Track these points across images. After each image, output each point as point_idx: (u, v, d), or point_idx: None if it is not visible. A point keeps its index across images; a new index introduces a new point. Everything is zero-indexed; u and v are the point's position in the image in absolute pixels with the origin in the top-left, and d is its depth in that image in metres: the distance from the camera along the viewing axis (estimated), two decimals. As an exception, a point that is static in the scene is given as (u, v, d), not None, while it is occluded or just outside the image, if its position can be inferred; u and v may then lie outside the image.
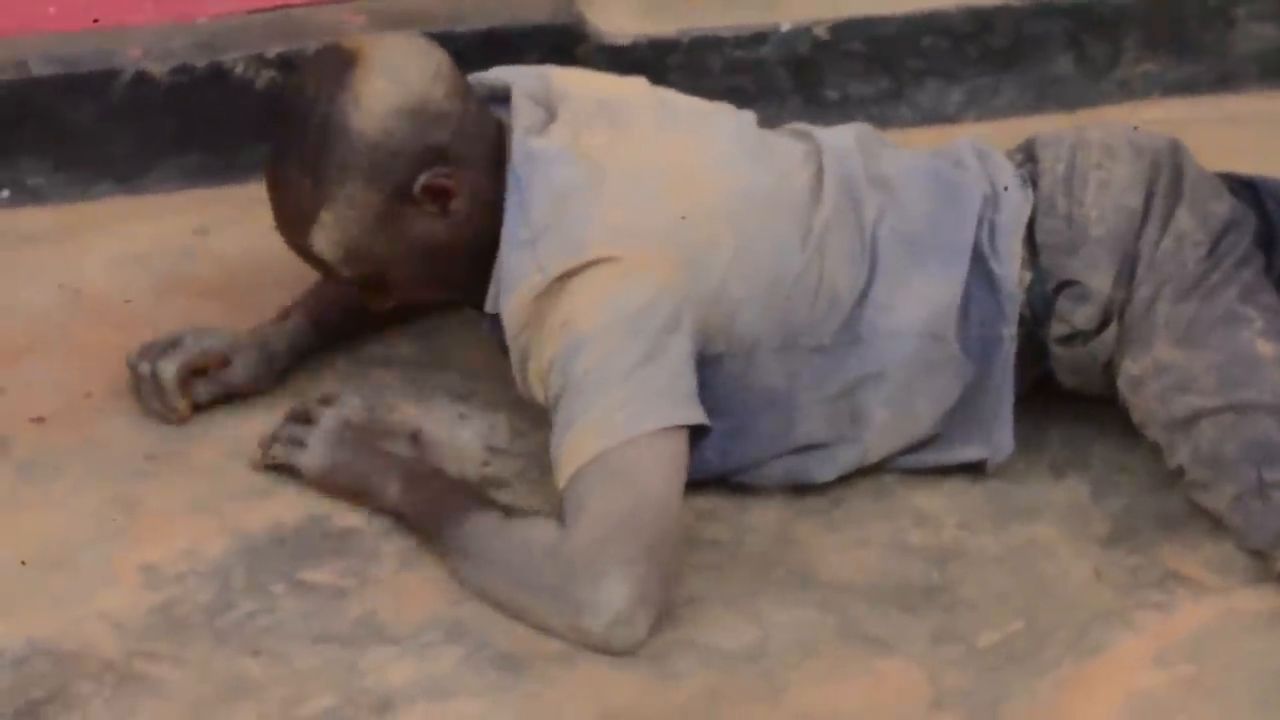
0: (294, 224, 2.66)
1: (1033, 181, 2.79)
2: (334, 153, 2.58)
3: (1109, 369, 2.76)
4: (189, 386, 2.86)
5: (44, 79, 3.33)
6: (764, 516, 2.71)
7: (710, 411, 2.59)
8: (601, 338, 2.55)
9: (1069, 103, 3.56)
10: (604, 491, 2.49)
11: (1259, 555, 2.61)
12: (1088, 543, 2.67)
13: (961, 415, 2.75)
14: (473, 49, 3.38)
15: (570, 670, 2.47)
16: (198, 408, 2.87)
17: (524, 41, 3.43)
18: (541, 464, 2.74)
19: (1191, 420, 2.65)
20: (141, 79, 3.35)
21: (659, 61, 3.46)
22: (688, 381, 2.58)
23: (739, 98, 3.39)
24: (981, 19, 3.55)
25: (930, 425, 2.74)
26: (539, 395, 2.63)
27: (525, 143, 2.64)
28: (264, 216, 3.26)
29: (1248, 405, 2.63)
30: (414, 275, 2.70)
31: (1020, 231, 2.75)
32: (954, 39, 3.54)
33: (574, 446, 2.52)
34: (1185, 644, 2.51)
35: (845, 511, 2.72)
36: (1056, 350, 2.77)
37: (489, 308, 2.68)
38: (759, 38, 3.50)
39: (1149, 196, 2.76)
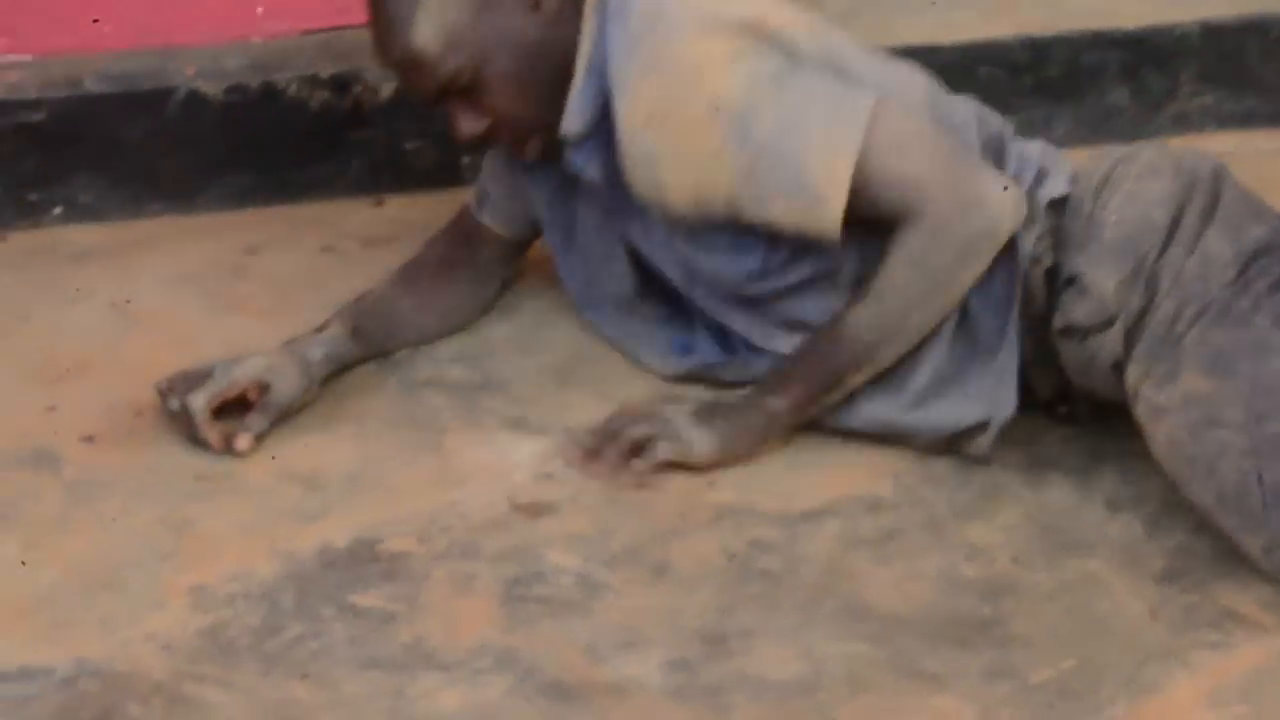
0: (398, 21, 2.71)
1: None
2: None
3: (1118, 375, 2.74)
4: (235, 417, 2.83)
5: (98, 96, 3.33)
6: (816, 548, 2.69)
7: None
8: (759, 92, 2.69)
9: (1124, 135, 3.54)
10: (900, 162, 2.71)
11: None
12: (1142, 580, 2.64)
13: (968, 369, 2.82)
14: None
15: (621, 700, 2.45)
16: (258, 439, 2.84)
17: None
18: (593, 488, 2.76)
19: (1217, 458, 2.59)
20: (195, 98, 3.35)
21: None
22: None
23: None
24: (1038, 49, 3.54)
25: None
26: (674, 193, 2.74)
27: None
28: (314, 237, 3.33)
29: (1275, 441, 2.57)
30: (506, 74, 2.75)
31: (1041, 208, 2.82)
32: (1010, 69, 3.53)
33: (827, 170, 2.68)
34: (1240, 684, 2.47)
35: (898, 544, 2.69)
36: (1058, 343, 2.80)
37: (567, 127, 2.76)
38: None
39: (1178, 215, 2.74)
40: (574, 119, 2.78)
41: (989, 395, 2.80)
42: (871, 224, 2.74)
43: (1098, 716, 2.42)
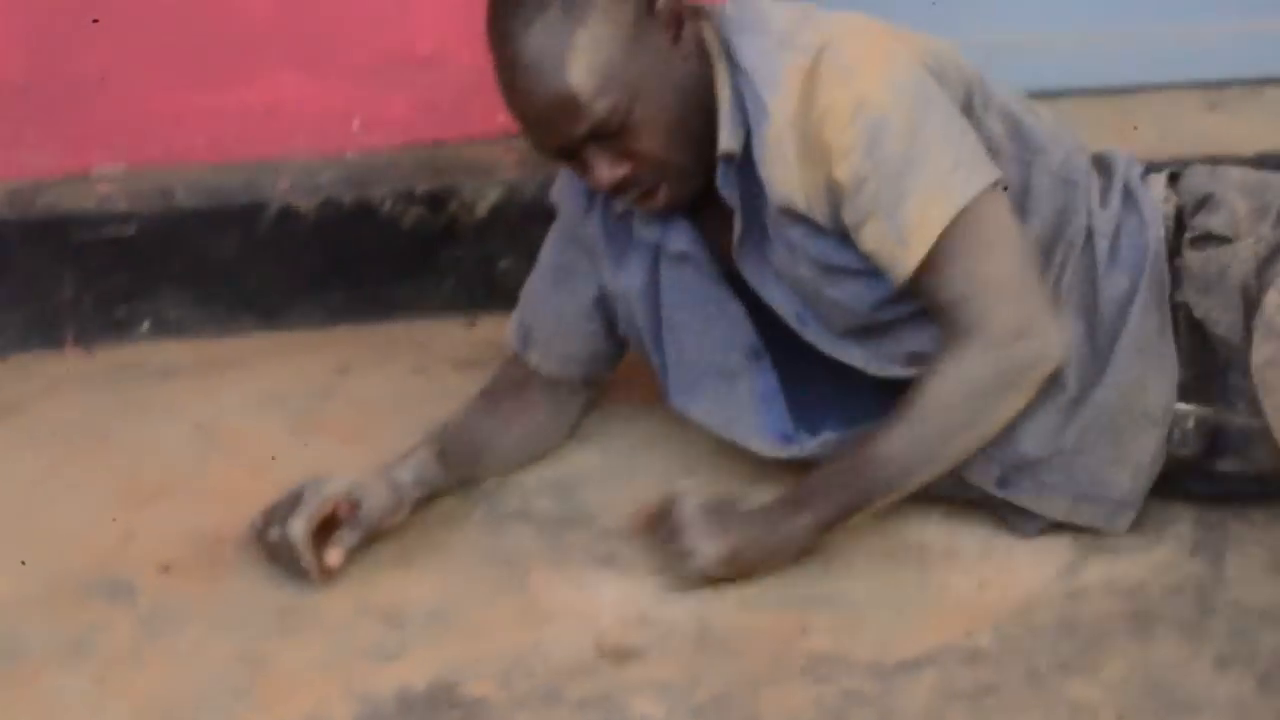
0: (548, 61, 2.64)
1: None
2: None
3: (1244, 302, 2.74)
4: (322, 542, 2.78)
5: (189, 210, 3.31)
6: (911, 702, 2.60)
7: None
8: (903, 111, 2.67)
9: None
10: (982, 255, 2.68)
11: None
12: (1253, 743, 2.55)
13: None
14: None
15: None
16: (348, 553, 2.79)
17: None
18: (683, 631, 2.68)
19: None
20: (288, 213, 3.32)
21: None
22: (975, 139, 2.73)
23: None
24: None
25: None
26: (803, 191, 2.71)
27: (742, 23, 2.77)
28: (405, 357, 3.29)
29: None
30: (656, 113, 2.70)
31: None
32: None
33: (923, 217, 2.65)
34: None
35: (997, 699, 2.60)
36: (1188, 256, 2.79)
37: (726, 144, 2.72)
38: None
39: None
40: (729, 137, 2.73)
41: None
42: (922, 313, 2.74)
43: None
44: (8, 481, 3.01)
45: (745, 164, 2.74)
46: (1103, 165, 2.88)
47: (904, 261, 2.67)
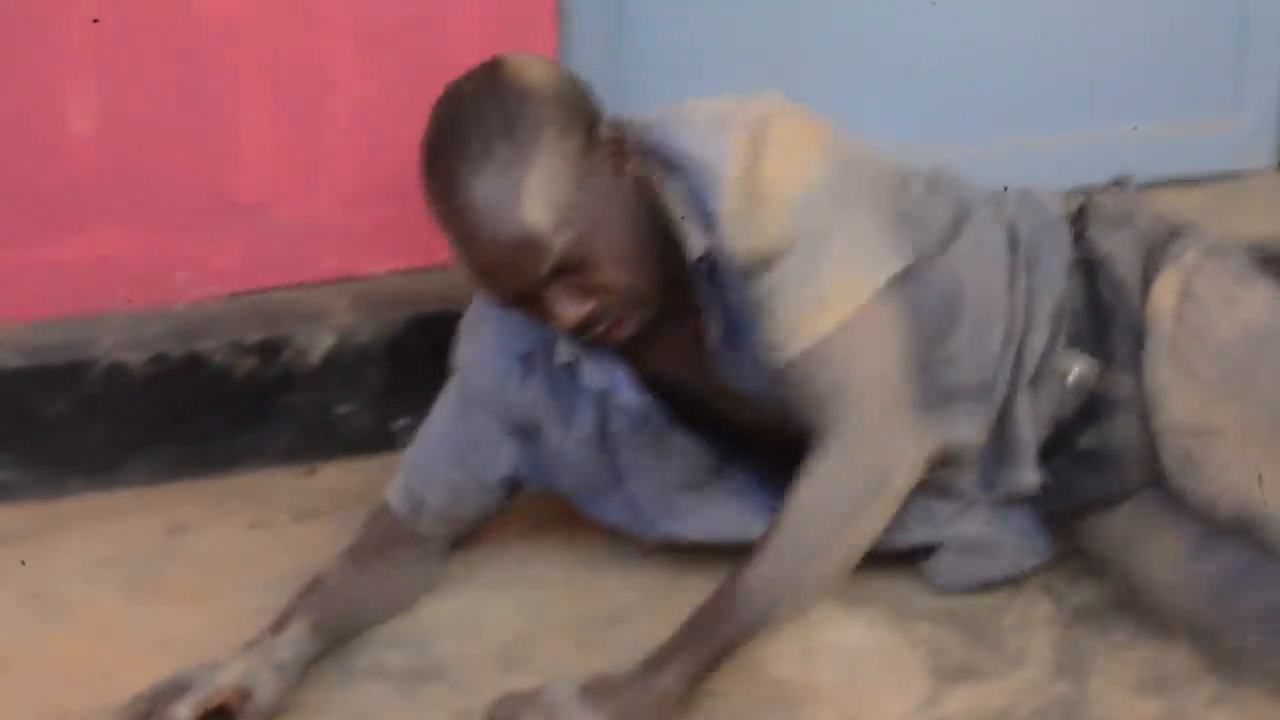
0: (503, 203, 2.63)
1: None
2: (525, 112, 2.65)
3: (1150, 256, 2.93)
4: None
5: (12, 370, 3.24)
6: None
7: None
8: (828, 194, 2.74)
9: None
10: (860, 356, 2.74)
11: None
12: None
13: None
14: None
15: None
16: None
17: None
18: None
19: None
20: (115, 369, 3.26)
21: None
22: (888, 234, 2.80)
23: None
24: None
25: None
26: (757, 261, 2.74)
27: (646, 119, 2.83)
28: (243, 511, 3.23)
29: None
30: (614, 243, 2.69)
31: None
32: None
33: (821, 308, 2.72)
34: None
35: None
36: (1099, 200, 3.01)
37: (694, 250, 2.75)
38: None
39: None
40: (697, 239, 2.75)
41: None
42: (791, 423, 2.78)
43: None
44: None
45: (715, 260, 2.76)
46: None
47: (789, 349, 2.72)
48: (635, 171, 2.75)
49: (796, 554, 2.69)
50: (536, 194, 2.63)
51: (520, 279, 2.68)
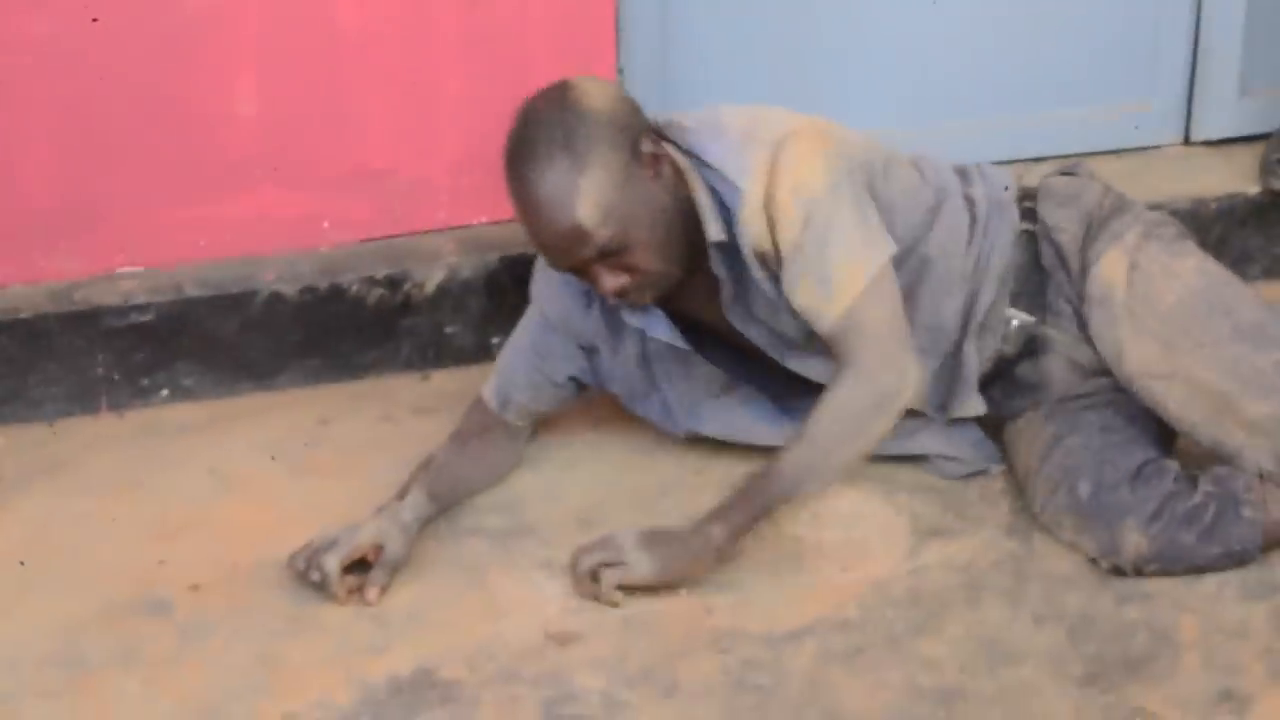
0: (560, 202, 2.64)
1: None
2: (583, 130, 2.65)
3: (1090, 230, 2.87)
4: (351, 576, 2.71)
5: (196, 299, 3.22)
6: (798, 664, 2.56)
7: None
8: (830, 198, 2.69)
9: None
10: (869, 324, 2.69)
11: None
12: (1067, 683, 2.52)
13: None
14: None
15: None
16: (382, 590, 2.71)
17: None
18: (612, 617, 2.63)
19: (1236, 304, 2.79)
20: (275, 298, 3.24)
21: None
22: (877, 217, 2.76)
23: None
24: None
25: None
26: (773, 258, 2.74)
27: (681, 123, 2.80)
28: (374, 409, 3.23)
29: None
30: (648, 236, 2.69)
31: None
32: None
33: (848, 280, 2.68)
34: (1154, 773, 2.37)
35: (865, 658, 2.57)
36: (1048, 182, 2.94)
37: (713, 236, 2.73)
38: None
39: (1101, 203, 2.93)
40: (715, 230, 2.73)
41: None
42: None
43: (1039, 805, 2.31)
44: (60, 523, 2.91)
45: (730, 244, 2.74)
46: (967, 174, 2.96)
47: (830, 314, 2.69)
48: (669, 175, 2.73)
49: (825, 445, 2.68)
50: (586, 196, 2.63)
51: (571, 258, 2.69)
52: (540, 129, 2.67)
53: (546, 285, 2.96)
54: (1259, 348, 2.73)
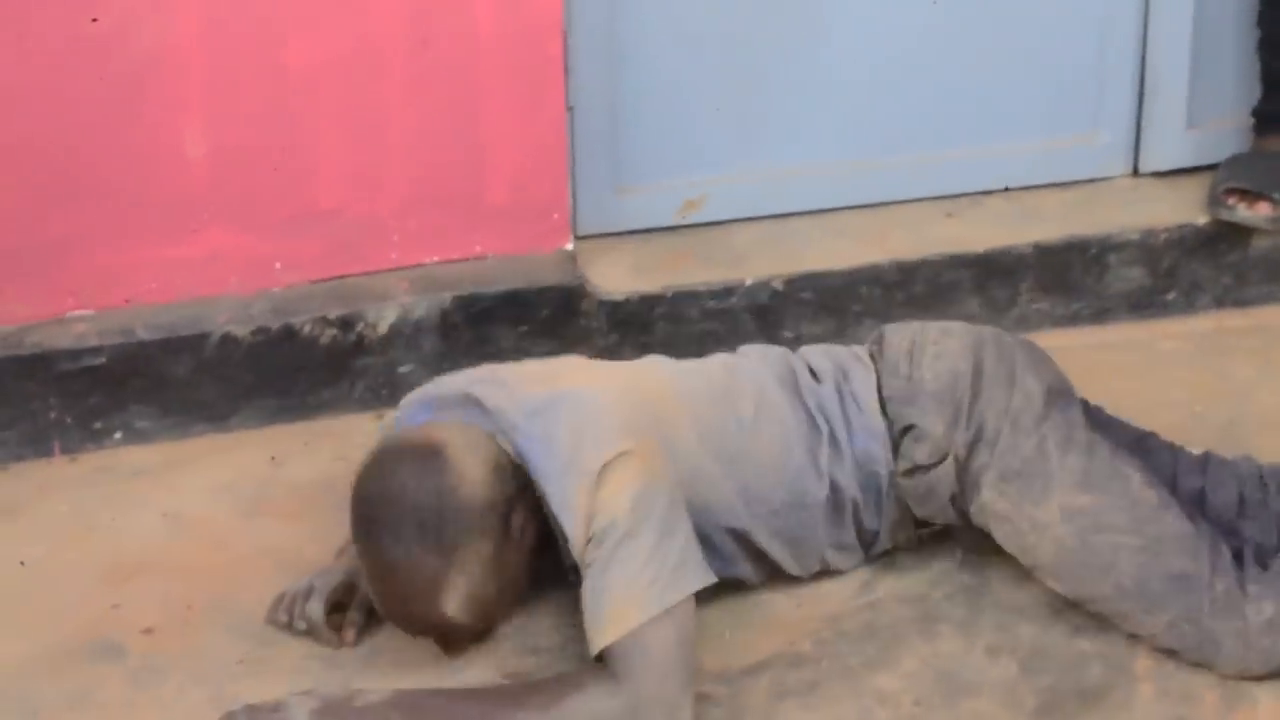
0: (424, 597, 2.50)
1: (879, 356, 2.77)
2: (457, 523, 2.49)
3: (954, 504, 2.70)
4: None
5: (148, 341, 3.22)
6: (754, 700, 2.56)
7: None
8: (627, 526, 2.47)
9: (977, 337, 3.45)
10: (652, 651, 2.42)
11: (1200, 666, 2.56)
12: (1021, 715, 2.53)
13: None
14: (498, 307, 3.32)
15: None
16: (362, 630, 2.70)
17: (538, 299, 3.33)
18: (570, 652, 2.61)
19: (1113, 556, 2.57)
20: (227, 339, 3.24)
21: (647, 312, 3.37)
22: (693, 551, 2.53)
23: (712, 340, 3.32)
24: (906, 271, 3.46)
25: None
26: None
27: (516, 424, 2.59)
28: (328, 448, 3.22)
29: (1159, 541, 2.56)
30: (510, 600, 2.63)
31: (873, 390, 2.74)
32: (885, 287, 3.44)
33: (614, 619, 2.44)
34: (1109, 804, 2.38)
35: (821, 694, 2.58)
36: (902, 483, 2.71)
37: (571, 558, 2.57)
38: (728, 290, 3.40)
39: (979, 364, 2.71)
40: (570, 553, 2.57)
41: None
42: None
43: (995, 838, 2.32)
44: (13, 567, 2.90)
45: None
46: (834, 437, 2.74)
47: (596, 638, 2.46)
48: (531, 534, 2.58)
49: None
50: (455, 590, 2.50)
51: (423, 634, 2.59)
52: (408, 509, 2.49)
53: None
54: (1144, 608, 2.57)
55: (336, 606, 2.71)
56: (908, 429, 2.71)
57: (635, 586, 2.45)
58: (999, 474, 2.65)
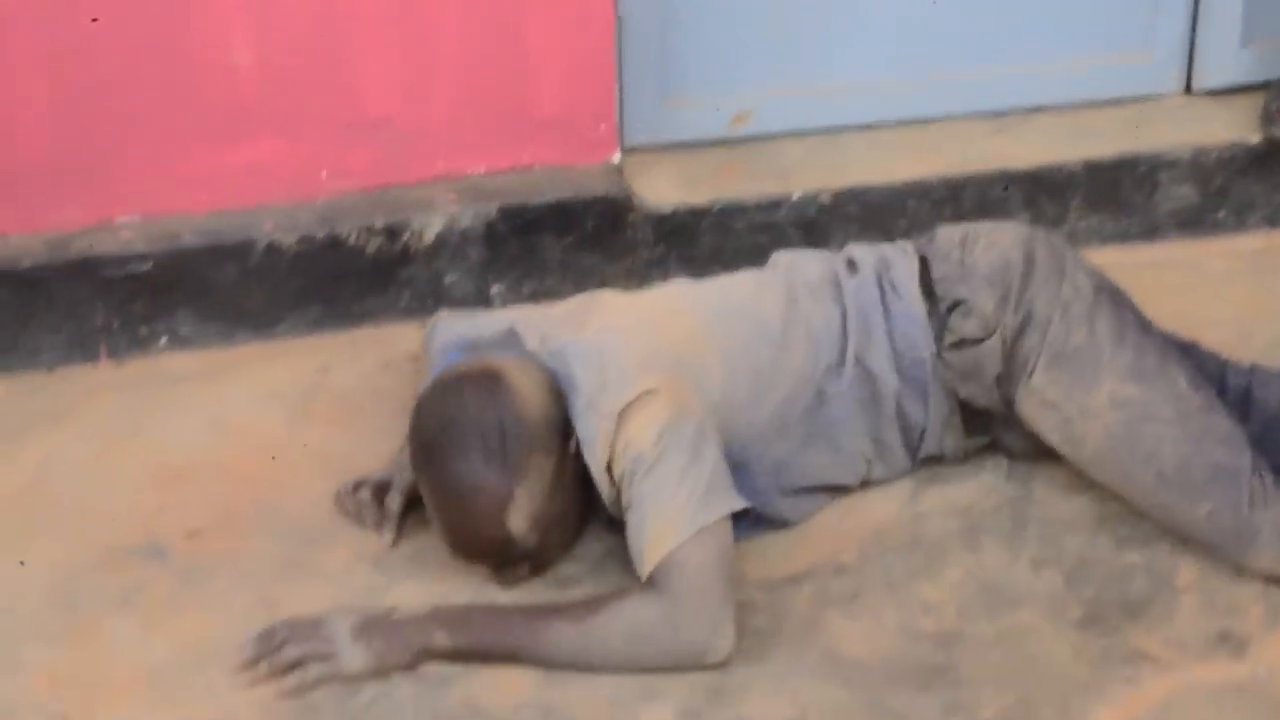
0: (489, 516, 2.50)
1: (927, 250, 2.78)
2: (520, 439, 2.50)
3: (1001, 384, 2.69)
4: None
5: (195, 249, 3.21)
6: (796, 607, 2.56)
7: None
8: (653, 457, 2.46)
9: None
10: (689, 566, 2.43)
11: (1237, 564, 2.57)
12: (1065, 626, 2.52)
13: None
14: (544, 218, 3.29)
15: (643, 744, 2.33)
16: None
17: (584, 210, 3.31)
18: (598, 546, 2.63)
19: (1157, 445, 2.57)
20: (273, 248, 3.23)
21: (694, 225, 3.34)
22: (722, 476, 2.51)
23: (759, 253, 3.28)
24: (953, 186, 3.43)
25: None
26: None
27: (558, 352, 2.61)
28: (374, 357, 3.20)
29: (1203, 433, 2.56)
30: (563, 531, 2.62)
31: (914, 277, 2.73)
32: (932, 202, 3.41)
33: (654, 544, 2.44)
34: (1151, 714, 2.37)
35: (864, 602, 2.57)
36: (948, 356, 2.70)
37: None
38: (775, 204, 3.37)
39: (1030, 255, 2.71)
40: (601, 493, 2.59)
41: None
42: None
43: (1036, 746, 2.31)
44: (60, 470, 2.90)
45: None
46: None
47: (641, 569, 2.46)
48: (578, 450, 2.57)
49: (596, 648, 2.43)
50: (519, 509, 2.50)
51: (487, 560, 2.58)
52: (472, 431, 2.49)
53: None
54: (1185, 497, 2.57)
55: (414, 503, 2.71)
56: (955, 305, 2.71)
57: (668, 511, 2.45)
58: (1050, 359, 2.65)
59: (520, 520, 2.51)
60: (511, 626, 2.46)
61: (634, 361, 2.57)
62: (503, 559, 2.57)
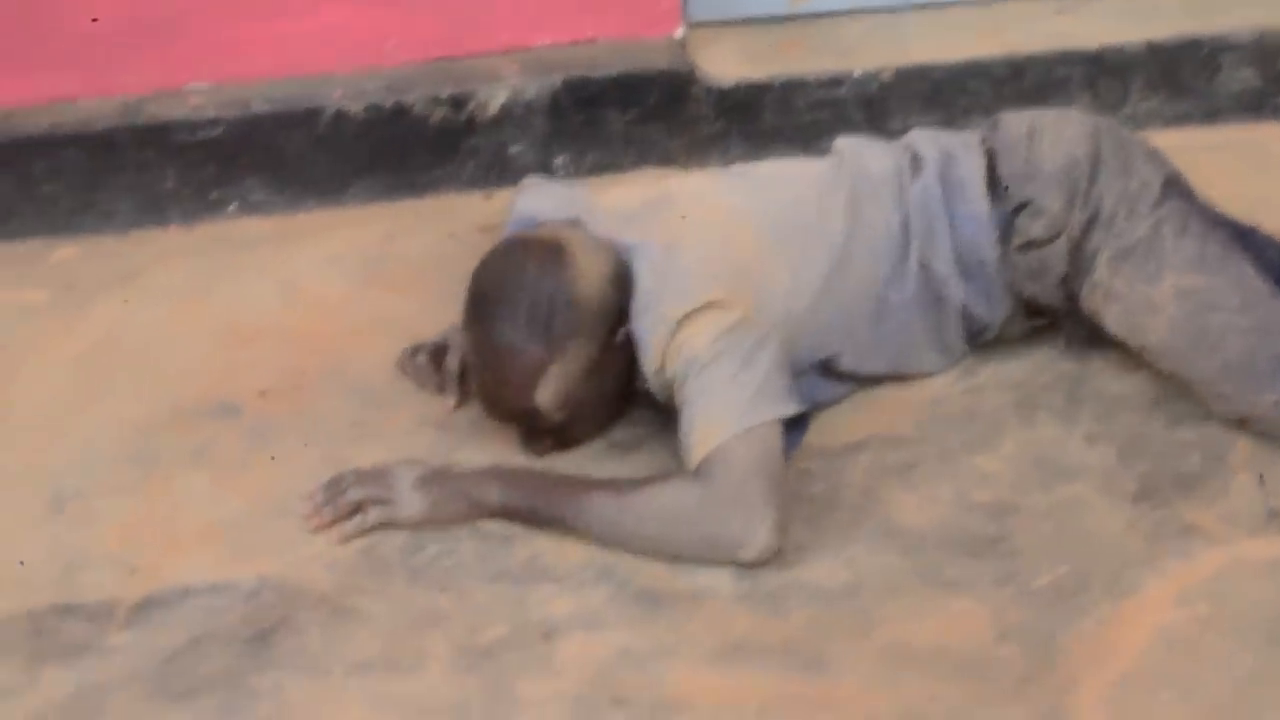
0: (519, 384, 2.50)
1: (994, 140, 2.73)
2: (567, 318, 2.49)
3: (1067, 282, 2.67)
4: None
5: (264, 115, 3.22)
6: (853, 477, 2.57)
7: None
8: (707, 359, 2.46)
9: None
10: (733, 460, 2.39)
11: None
12: (1119, 500, 2.52)
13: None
14: (607, 91, 3.29)
15: (699, 606, 2.36)
16: None
17: (646, 85, 3.30)
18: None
19: (1222, 335, 2.55)
20: (341, 115, 3.23)
21: (755, 101, 3.33)
22: (777, 382, 2.48)
23: (819, 130, 3.29)
24: (1015, 66, 3.39)
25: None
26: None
27: (628, 247, 2.60)
28: (438, 225, 3.21)
29: (1268, 323, 2.55)
30: (594, 414, 2.62)
31: (980, 175, 2.69)
32: (993, 81, 3.38)
33: (701, 439, 2.43)
34: (1203, 587, 2.37)
35: (920, 473, 2.58)
36: (1015, 258, 2.68)
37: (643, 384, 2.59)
38: (837, 81, 3.35)
39: (1096, 151, 2.68)
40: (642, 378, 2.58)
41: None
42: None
43: (1087, 615, 2.33)
44: (133, 330, 2.93)
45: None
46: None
47: (689, 463, 2.44)
48: (629, 354, 2.56)
49: (633, 525, 2.43)
50: (550, 384, 2.50)
51: (510, 421, 2.59)
52: (524, 296, 2.50)
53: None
54: (1250, 386, 2.56)
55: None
56: (1023, 206, 2.68)
57: (718, 408, 2.44)
58: (1114, 253, 2.63)
59: (548, 395, 2.51)
60: (559, 492, 2.48)
61: (701, 272, 2.54)
62: (528, 427, 2.59)
